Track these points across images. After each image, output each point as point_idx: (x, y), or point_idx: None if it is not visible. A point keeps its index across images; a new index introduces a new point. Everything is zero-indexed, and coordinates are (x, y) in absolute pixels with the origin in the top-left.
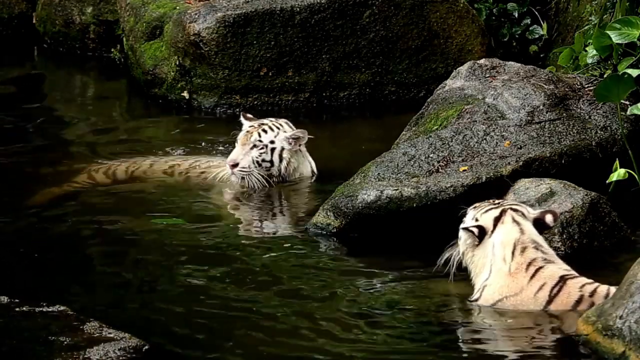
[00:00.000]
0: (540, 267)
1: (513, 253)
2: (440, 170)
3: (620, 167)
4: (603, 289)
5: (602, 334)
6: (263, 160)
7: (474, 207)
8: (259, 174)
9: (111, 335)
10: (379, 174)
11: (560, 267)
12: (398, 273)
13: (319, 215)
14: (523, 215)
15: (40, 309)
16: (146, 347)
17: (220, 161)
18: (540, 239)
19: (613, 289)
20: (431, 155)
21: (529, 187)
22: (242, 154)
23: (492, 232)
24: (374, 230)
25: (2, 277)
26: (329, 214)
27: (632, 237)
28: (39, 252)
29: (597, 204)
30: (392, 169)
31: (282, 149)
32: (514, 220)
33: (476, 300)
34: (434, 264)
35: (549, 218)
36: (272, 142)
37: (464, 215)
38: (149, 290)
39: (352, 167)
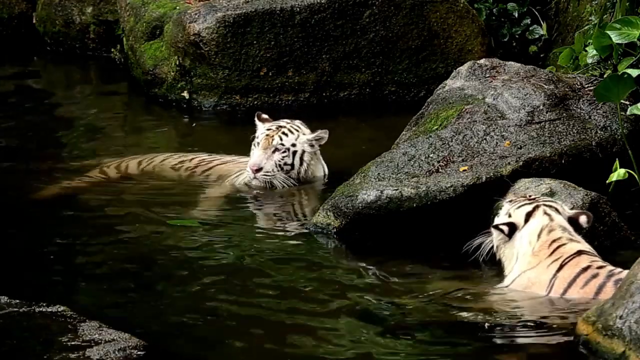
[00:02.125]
0: (562, 244)
1: (539, 235)
2: (440, 170)
3: (620, 167)
4: (611, 268)
5: (602, 334)
6: (285, 164)
7: (510, 201)
8: (281, 177)
9: (111, 336)
10: (379, 174)
11: (583, 246)
12: (398, 273)
13: (319, 215)
14: (556, 210)
15: (40, 309)
16: (146, 347)
17: (228, 158)
18: (569, 227)
19: (618, 270)
20: (431, 155)
21: (529, 187)
22: (265, 158)
23: (523, 226)
24: (374, 230)
25: (2, 277)
26: (329, 214)
27: (632, 237)
28: (40, 251)
29: (597, 204)
30: (392, 169)
31: (303, 152)
32: (545, 213)
33: (505, 286)
34: (434, 263)
35: (583, 219)
36: (293, 145)
37: (500, 207)
38: (149, 290)
39: (352, 167)
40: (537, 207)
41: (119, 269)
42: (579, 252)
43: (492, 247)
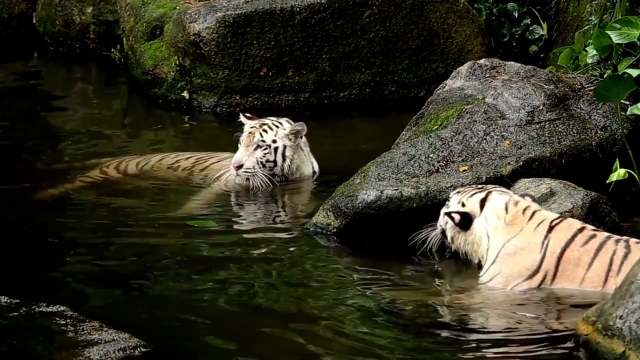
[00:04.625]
0: (537, 210)
1: (507, 209)
2: (440, 170)
3: (620, 167)
4: (606, 233)
5: (602, 334)
6: (267, 161)
7: (458, 192)
8: (263, 174)
9: (111, 335)
10: (379, 174)
11: (557, 214)
12: (398, 273)
13: (319, 215)
14: (508, 191)
15: (40, 309)
16: (146, 347)
17: (224, 155)
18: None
19: (614, 235)
20: (431, 155)
21: (529, 187)
22: (246, 155)
23: (481, 212)
24: (374, 230)
25: (2, 277)
26: (329, 214)
27: (632, 237)
28: (40, 252)
29: (597, 204)
30: (392, 169)
31: (285, 147)
32: (501, 193)
33: (483, 268)
34: (434, 263)
35: (527, 199)
36: (274, 141)
37: (447, 199)
38: (150, 290)
39: (352, 167)
40: (489, 192)
41: (119, 269)
42: (563, 216)
43: (439, 239)
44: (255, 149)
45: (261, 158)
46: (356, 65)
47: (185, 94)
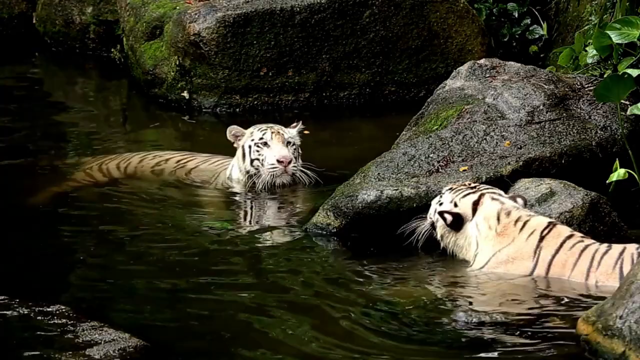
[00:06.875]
0: (527, 220)
1: (498, 219)
2: (440, 170)
3: (620, 167)
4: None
5: (602, 334)
6: (295, 157)
7: (451, 189)
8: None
9: (111, 335)
10: (379, 174)
11: (548, 218)
12: (397, 272)
13: (319, 215)
14: (500, 195)
15: (40, 309)
16: (146, 347)
17: (201, 158)
18: (520, 206)
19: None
20: (431, 155)
21: (529, 187)
22: (287, 150)
23: (473, 216)
24: (374, 230)
25: (2, 277)
26: (329, 214)
27: (632, 237)
28: (40, 252)
29: (597, 204)
30: (392, 169)
31: (299, 145)
32: (493, 199)
33: (472, 267)
34: (434, 263)
35: (519, 201)
36: (293, 138)
37: (440, 193)
38: (150, 290)
39: (352, 167)
40: (482, 195)
41: (119, 269)
42: (552, 224)
43: (428, 231)
44: (287, 145)
45: (293, 153)
46: (356, 65)
47: (185, 94)
